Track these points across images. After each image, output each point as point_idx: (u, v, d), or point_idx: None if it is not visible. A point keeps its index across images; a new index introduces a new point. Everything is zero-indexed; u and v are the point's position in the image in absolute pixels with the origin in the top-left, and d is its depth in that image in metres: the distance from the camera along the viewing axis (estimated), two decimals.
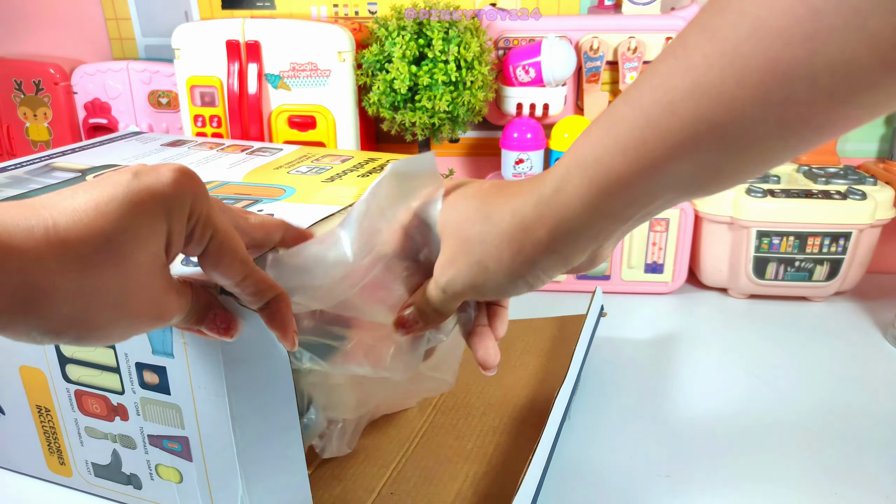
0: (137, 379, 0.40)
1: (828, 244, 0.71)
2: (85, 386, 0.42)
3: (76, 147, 0.61)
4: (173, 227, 0.29)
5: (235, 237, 0.32)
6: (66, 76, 0.82)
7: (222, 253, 0.31)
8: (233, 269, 0.32)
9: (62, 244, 0.26)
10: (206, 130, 0.75)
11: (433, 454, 0.49)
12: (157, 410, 0.40)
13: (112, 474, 0.45)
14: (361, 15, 0.80)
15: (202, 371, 0.37)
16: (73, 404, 0.43)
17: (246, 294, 0.33)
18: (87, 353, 0.41)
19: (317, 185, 0.50)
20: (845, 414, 0.56)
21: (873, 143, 0.83)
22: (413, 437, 0.51)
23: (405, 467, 0.48)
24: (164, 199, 0.28)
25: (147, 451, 0.42)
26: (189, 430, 0.39)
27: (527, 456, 0.45)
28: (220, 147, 0.63)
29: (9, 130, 0.85)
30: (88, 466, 0.45)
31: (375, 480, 0.47)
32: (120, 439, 0.43)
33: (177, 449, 0.41)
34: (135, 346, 0.39)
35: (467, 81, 0.69)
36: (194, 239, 0.30)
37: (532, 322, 0.67)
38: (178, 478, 0.42)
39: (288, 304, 0.35)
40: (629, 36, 0.75)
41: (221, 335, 0.34)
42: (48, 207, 0.26)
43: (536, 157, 0.76)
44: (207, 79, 0.73)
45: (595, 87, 0.77)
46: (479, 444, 0.49)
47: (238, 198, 0.47)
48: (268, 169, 0.55)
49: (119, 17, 0.84)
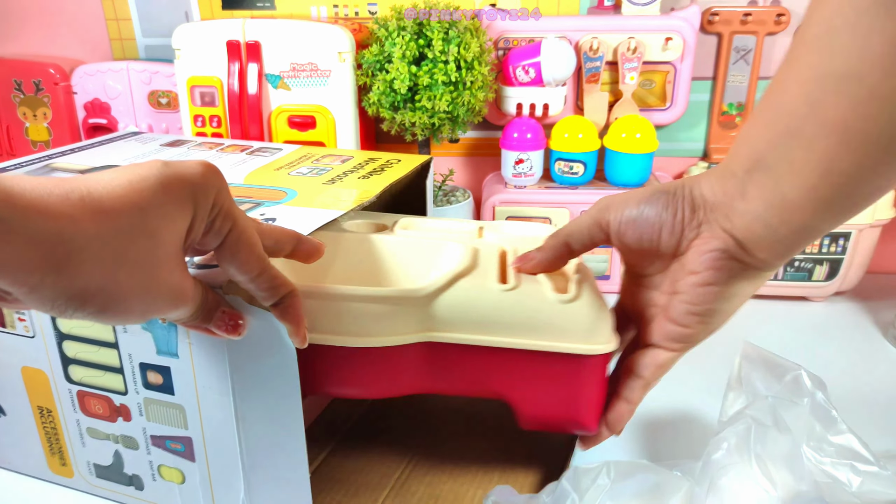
0: (141, 379, 0.40)
1: (827, 244, 0.71)
2: (87, 387, 0.42)
3: (75, 147, 0.61)
4: (197, 214, 0.30)
5: (253, 234, 0.33)
6: (66, 76, 0.82)
7: (239, 247, 0.32)
8: (249, 265, 0.33)
9: (98, 209, 0.26)
10: (206, 130, 0.75)
11: (437, 468, 0.48)
12: (160, 411, 0.40)
13: (113, 475, 0.45)
14: (361, 15, 0.80)
15: (207, 371, 0.37)
16: (75, 405, 0.43)
17: (260, 290, 0.34)
18: (90, 354, 0.41)
19: (318, 187, 0.50)
20: (845, 414, 0.56)
21: None
22: (417, 447, 0.50)
23: (409, 480, 0.47)
24: (192, 186, 0.30)
25: (149, 451, 0.42)
26: (192, 431, 0.40)
27: (534, 483, 0.45)
28: (220, 147, 0.63)
29: (8, 130, 0.85)
30: (90, 467, 0.45)
31: (378, 491, 0.46)
32: (122, 440, 0.43)
33: (180, 449, 0.41)
34: (139, 347, 0.39)
35: (467, 81, 0.69)
36: (214, 229, 0.31)
37: None
38: (181, 478, 0.42)
39: (300, 301, 0.35)
40: (629, 36, 0.75)
41: (230, 333, 0.34)
42: (83, 180, 0.27)
43: (536, 157, 0.76)
44: (207, 79, 0.73)
45: (595, 88, 0.77)
46: (484, 466, 0.48)
47: (240, 200, 0.47)
48: (268, 170, 0.55)
49: (119, 18, 0.84)
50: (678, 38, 0.74)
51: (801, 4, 0.77)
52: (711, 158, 0.82)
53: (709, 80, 0.81)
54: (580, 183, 0.77)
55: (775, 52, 0.79)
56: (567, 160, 0.75)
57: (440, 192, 0.78)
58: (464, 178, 0.87)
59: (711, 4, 0.77)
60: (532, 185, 0.77)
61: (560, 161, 0.76)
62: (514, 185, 0.77)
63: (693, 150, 0.85)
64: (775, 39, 0.79)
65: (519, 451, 0.49)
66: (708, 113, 0.83)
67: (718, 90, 0.80)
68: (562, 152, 0.75)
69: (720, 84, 0.80)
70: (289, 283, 0.35)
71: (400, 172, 0.53)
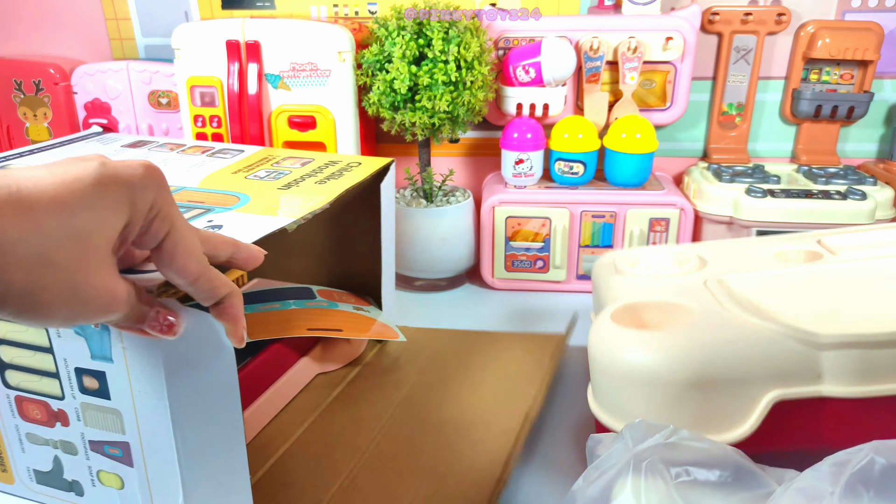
0: (77, 384, 0.39)
1: None
2: (25, 392, 0.41)
3: (34, 148, 0.60)
4: (133, 216, 0.29)
5: (192, 237, 0.32)
6: (66, 76, 0.82)
7: (177, 250, 0.31)
8: (187, 269, 0.32)
9: (26, 208, 0.26)
10: (206, 130, 0.75)
11: (385, 467, 0.48)
12: (97, 416, 0.39)
13: (54, 481, 0.44)
14: (361, 15, 0.80)
15: (142, 375, 0.36)
16: (13, 410, 0.42)
17: (200, 293, 0.33)
18: (26, 359, 0.40)
19: (272, 192, 0.50)
20: None
21: (873, 143, 0.83)
22: (367, 447, 0.50)
23: (356, 479, 0.47)
24: (129, 187, 0.29)
25: (88, 457, 0.41)
26: (130, 436, 0.39)
27: (478, 480, 0.45)
28: (181, 148, 0.62)
29: (9, 130, 0.85)
30: (30, 473, 0.44)
31: (323, 491, 0.46)
32: (61, 445, 0.42)
33: (118, 455, 0.40)
34: (73, 351, 0.38)
35: (467, 81, 0.69)
36: (151, 231, 0.30)
37: (496, 336, 0.66)
38: (120, 484, 0.41)
39: (241, 301, 0.35)
40: (629, 36, 0.75)
41: (165, 333, 0.33)
42: (13, 175, 0.26)
43: (536, 157, 0.76)
44: (207, 79, 0.73)
45: (595, 87, 0.77)
46: (432, 461, 0.49)
47: (191, 205, 0.46)
48: (226, 173, 0.55)
49: (119, 17, 0.84)
50: (678, 38, 0.74)
51: (801, 4, 0.77)
52: (711, 158, 0.82)
53: (709, 80, 0.81)
54: (580, 183, 0.77)
55: (776, 51, 0.79)
56: (567, 160, 0.75)
57: (440, 192, 0.78)
58: (464, 178, 0.87)
59: (712, 4, 0.77)
60: (532, 185, 0.77)
61: (560, 161, 0.76)
62: (514, 186, 0.77)
63: (693, 150, 0.85)
64: (776, 39, 0.79)
65: (464, 449, 0.50)
66: (708, 113, 0.82)
67: (718, 90, 0.80)
68: (562, 152, 0.75)
69: (720, 84, 0.80)
70: (229, 283, 0.34)
71: (359, 177, 0.53)
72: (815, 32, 0.76)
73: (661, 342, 0.42)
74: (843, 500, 0.31)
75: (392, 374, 0.60)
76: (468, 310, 0.74)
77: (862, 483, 0.31)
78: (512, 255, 0.77)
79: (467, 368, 0.60)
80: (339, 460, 0.49)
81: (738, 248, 0.56)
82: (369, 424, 0.53)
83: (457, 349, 0.64)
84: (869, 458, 0.31)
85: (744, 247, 0.56)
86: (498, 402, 0.55)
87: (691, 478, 0.34)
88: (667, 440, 0.35)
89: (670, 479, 0.34)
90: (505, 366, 0.61)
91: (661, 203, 0.73)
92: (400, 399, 0.56)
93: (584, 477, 0.36)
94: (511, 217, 0.75)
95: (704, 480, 0.34)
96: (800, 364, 0.40)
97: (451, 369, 0.60)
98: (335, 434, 0.52)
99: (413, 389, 0.57)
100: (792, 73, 0.79)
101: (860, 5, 0.76)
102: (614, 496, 0.34)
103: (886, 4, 0.76)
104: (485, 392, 0.57)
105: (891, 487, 0.30)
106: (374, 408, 0.55)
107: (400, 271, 0.78)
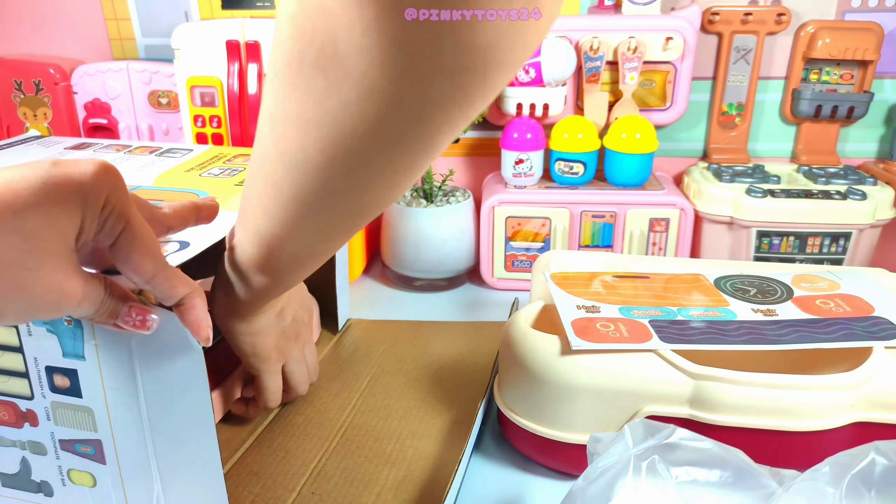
0: (48, 383, 0.39)
1: (828, 244, 0.71)
2: None
3: None
4: (87, 215, 0.30)
5: (149, 234, 0.32)
6: (66, 76, 0.82)
7: (132, 247, 0.32)
8: (143, 266, 0.32)
9: None
10: (206, 131, 0.75)
11: (353, 454, 0.49)
12: (68, 414, 0.39)
13: (21, 483, 0.43)
14: None
15: (114, 373, 0.37)
16: None
17: (158, 292, 0.33)
18: None
19: (229, 188, 0.50)
20: None
21: (873, 144, 0.83)
22: (333, 437, 0.51)
23: (326, 466, 0.48)
24: (81, 187, 0.29)
25: (58, 456, 0.41)
26: (102, 433, 0.39)
27: (445, 463, 0.47)
28: (128, 149, 0.62)
29: (9, 130, 0.85)
30: None
31: (296, 479, 0.47)
32: (29, 446, 0.41)
33: (90, 452, 0.40)
34: (44, 350, 0.38)
35: None
36: (105, 229, 0.31)
37: (451, 325, 0.68)
38: (92, 482, 0.41)
39: (203, 300, 0.35)
40: (629, 36, 0.75)
41: (138, 328, 0.34)
42: None
43: (536, 157, 0.76)
44: (207, 79, 0.73)
45: (595, 87, 0.77)
46: (399, 447, 0.50)
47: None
48: (179, 171, 0.55)
49: (119, 18, 0.84)
50: (678, 38, 0.74)
51: (801, 4, 0.77)
52: (711, 158, 0.82)
53: (709, 80, 0.81)
54: (580, 183, 0.77)
55: (776, 51, 0.79)
56: (567, 160, 0.75)
57: (440, 192, 0.78)
58: (464, 178, 0.87)
59: (712, 4, 0.77)
60: (532, 185, 0.77)
61: (560, 161, 0.76)
62: (514, 186, 0.77)
63: (693, 150, 0.85)
64: (776, 39, 0.79)
65: (430, 433, 0.51)
66: (708, 113, 0.82)
67: (718, 90, 0.80)
68: (562, 152, 0.75)
69: (720, 84, 0.80)
70: (189, 282, 0.34)
71: None
72: (815, 32, 0.76)
73: (561, 346, 0.46)
74: (845, 500, 0.31)
75: (352, 365, 0.61)
76: (468, 310, 0.74)
77: (863, 483, 0.31)
78: (512, 255, 0.77)
79: (425, 356, 0.62)
80: (308, 450, 0.50)
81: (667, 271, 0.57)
82: (334, 415, 0.54)
83: (413, 338, 0.65)
84: (870, 459, 0.31)
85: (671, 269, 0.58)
86: (456, 387, 0.57)
87: (691, 478, 0.34)
88: (667, 440, 0.35)
89: (670, 479, 0.34)
90: (461, 352, 0.62)
91: (661, 203, 0.73)
92: (362, 389, 0.57)
93: (584, 477, 0.36)
94: (511, 217, 0.75)
95: (705, 481, 0.34)
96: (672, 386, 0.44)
97: (409, 358, 0.62)
98: (300, 425, 0.53)
99: (374, 379, 0.59)
100: (792, 73, 0.79)
101: (860, 5, 0.77)
102: (614, 496, 0.34)
103: (886, 4, 0.76)
104: (443, 377, 0.58)
105: (892, 488, 0.30)
106: (337, 398, 0.56)
107: (400, 271, 0.78)
